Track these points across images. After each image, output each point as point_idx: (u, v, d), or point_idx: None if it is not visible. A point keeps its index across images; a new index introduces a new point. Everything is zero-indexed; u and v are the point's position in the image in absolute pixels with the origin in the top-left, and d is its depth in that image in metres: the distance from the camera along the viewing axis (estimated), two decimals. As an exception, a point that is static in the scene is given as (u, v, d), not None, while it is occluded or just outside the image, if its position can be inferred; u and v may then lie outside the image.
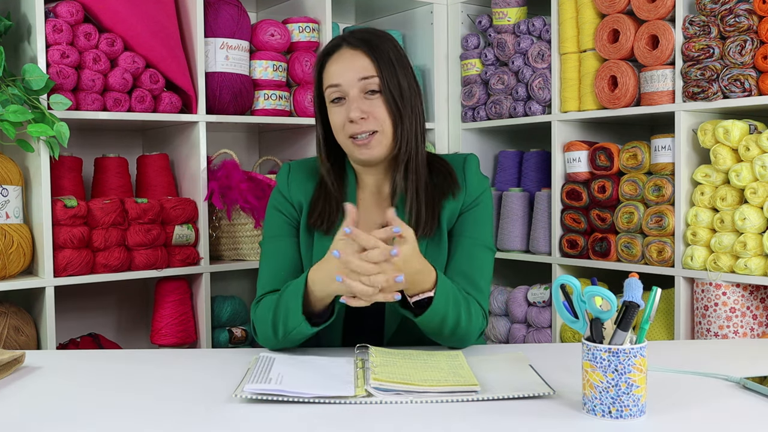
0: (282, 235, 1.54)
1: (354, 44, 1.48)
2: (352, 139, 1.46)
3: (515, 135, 3.08)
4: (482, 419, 1.04)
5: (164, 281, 2.40)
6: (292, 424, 1.03)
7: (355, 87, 1.45)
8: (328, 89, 1.48)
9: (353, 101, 1.45)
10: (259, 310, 1.45)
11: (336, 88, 1.47)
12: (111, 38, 2.22)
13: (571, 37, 2.53)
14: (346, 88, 1.46)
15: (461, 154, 1.58)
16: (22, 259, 2.10)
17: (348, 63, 1.47)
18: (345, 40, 1.50)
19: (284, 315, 1.38)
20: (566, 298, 1.09)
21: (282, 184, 1.57)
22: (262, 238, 1.57)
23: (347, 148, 1.49)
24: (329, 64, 1.49)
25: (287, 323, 1.37)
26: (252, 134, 2.96)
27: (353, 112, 1.44)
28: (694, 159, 2.26)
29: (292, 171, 1.58)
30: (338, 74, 1.46)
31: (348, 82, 1.45)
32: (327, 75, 1.49)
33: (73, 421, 1.06)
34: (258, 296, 1.51)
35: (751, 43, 2.06)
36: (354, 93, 1.45)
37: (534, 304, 2.66)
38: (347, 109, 1.46)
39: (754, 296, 2.16)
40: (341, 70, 1.47)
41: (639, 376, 1.02)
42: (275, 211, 1.56)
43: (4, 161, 2.10)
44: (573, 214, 2.54)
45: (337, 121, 1.48)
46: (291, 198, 1.55)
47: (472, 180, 1.52)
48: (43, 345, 2.16)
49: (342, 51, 1.48)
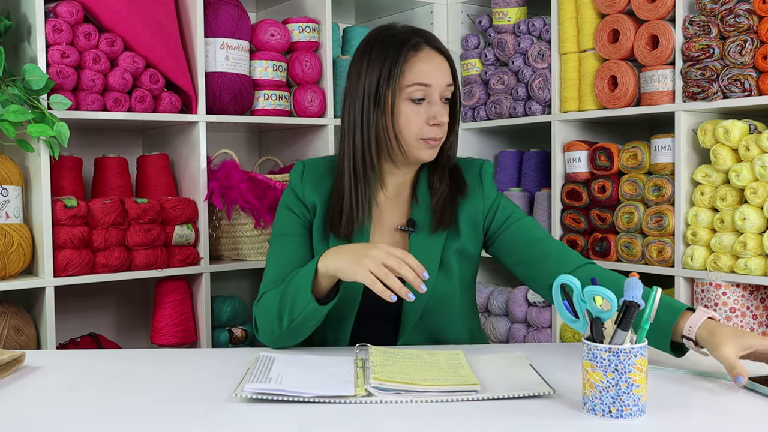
0: (291, 234, 1.53)
1: (438, 48, 1.49)
2: (423, 140, 1.47)
3: (515, 135, 3.08)
4: (482, 419, 1.04)
5: (164, 281, 2.40)
6: (292, 424, 1.03)
7: (439, 91, 1.47)
8: (414, 86, 1.45)
9: (439, 105, 1.47)
10: (262, 303, 1.45)
11: (425, 87, 1.46)
12: (111, 38, 2.22)
13: (571, 37, 2.53)
14: (433, 90, 1.46)
15: (476, 159, 1.62)
16: (22, 259, 2.10)
17: (439, 66, 1.47)
18: (425, 40, 1.49)
19: (291, 301, 1.37)
20: (566, 297, 1.09)
21: (296, 183, 1.55)
22: (272, 235, 1.56)
23: (410, 147, 1.48)
24: (416, 61, 1.46)
25: (294, 309, 1.37)
26: (252, 134, 2.96)
27: (443, 116, 1.47)
28: (694, 159, 2.26)
29: (306, 170, 1.57)
30: (430, 75, 1.46)
31: (438, 85, 1.46)
32: (414, 72, 1.46)
33: (73, 421, 1.06)
34: (262, 292, 1.49)
35: (751, 43, 2.06)
36: (437, 97, 1.47)
37: (534, 304, 2.66)
38: (431, 112, 1.46)
39: (754, 296, 2.16)
40: (434, 72, 1.46)
41: (639, 375, 1.02)
42: (287, 209, 1.55)
43: (4, 161, 2.10)
44: (573, 214, 2.54)
45: (414, 119, 1.46)
46: (304, 198, 1.54)
47: (489, 184, 1.58)
48: (43, 345, 2.16)
49: (429, 51, 1.48)
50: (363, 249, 1.32)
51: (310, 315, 1.36)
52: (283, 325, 1.39)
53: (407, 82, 1.45)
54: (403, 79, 1.45)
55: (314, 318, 1.38)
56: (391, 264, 1.29)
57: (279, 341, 1.43)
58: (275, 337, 1.42)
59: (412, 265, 1.30)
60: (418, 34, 1.49)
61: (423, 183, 1.56)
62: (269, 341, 1.44)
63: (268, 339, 1.44)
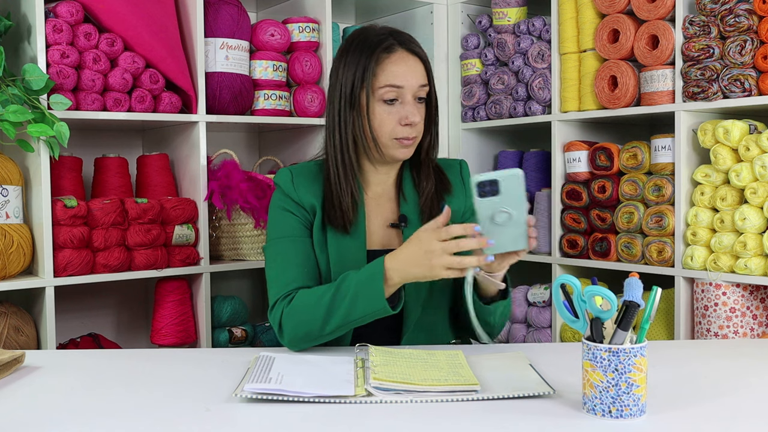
0: (297, 236, 1.54)
1: (411, 49, 1.52)
2: (397, 140, 1.51)
3: (515, 135, 3.08)
4: (482, 419, 1.04)
5: (164, 281, 2.40)
6: (292, 424, 1.03)
7: (412, 92, 1.50)
8: (385, 88, 1.49)
9: (411, 105, 1.50)
10: (297, 302, 1.43)
11: (397, 89, 1.49)
12: (111, 38, 2.22)
13: (571, 37, 2.53)
14: (405, 92, 1.50)
15: (454, 159, 1.69)
16: (22, 259, 2.10)
17: (411, 68, 1.50)
18: (399, 42, 1.52)
19: (351, 303, 1.38)
20: (566, 297, 1.09)
21: (288, 188, 1.56)
22: (271, 239, 1.55)
23: (384, 146, 1.52)
24: (388, 62, 1.50)
25: (354, 310, 1.38)
26: (252, 134, 2.96)
27: (414, 117, 1.49)
28: (694, 159, 2.26)
29: (296, 176, 1.58)
30: (401, 76, 1.49)
31: (410, 86, 1.50)
32: (387, 74, 1.49)
33: (73, 421, 1.06)
34: (285, 292, 1.47)
35: (751, 43, 2.06)
36: (409, 98, 1.50)
37: (534, 304, 2.66)
38: (403, 112, 1.49)
39: (754, 296, 2.16)
40: (406, 73, 1.50)
41: (639, 375, 1.02)
42: (286, 212, 1.55)
43: (4, 161, 2.10)
44: (573, 214, 2.54)
45: (387, 120, 1.50)
46: (301, 201, 1.55)
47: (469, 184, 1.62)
48: (43, 345, 2.16)
49: (402, 53, 1.51)
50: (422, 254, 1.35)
51: (372, 316, 1.39)
52: (330, 325, 1.40)
53: (379, 84, 1.49)
54: (375, 81, 1.49)
55: (371, 319, 1.40)
56: (452, 249, 1.32)
57: (310, 341, 1.43)
58: (311, 337, 1.42)
59: (460, 232, 1.32)
60: (394, 35, 1.52)
61: (408, 181, 1.60)
62: (297, 341, 1.43)
63: (298, 338, 1.43)
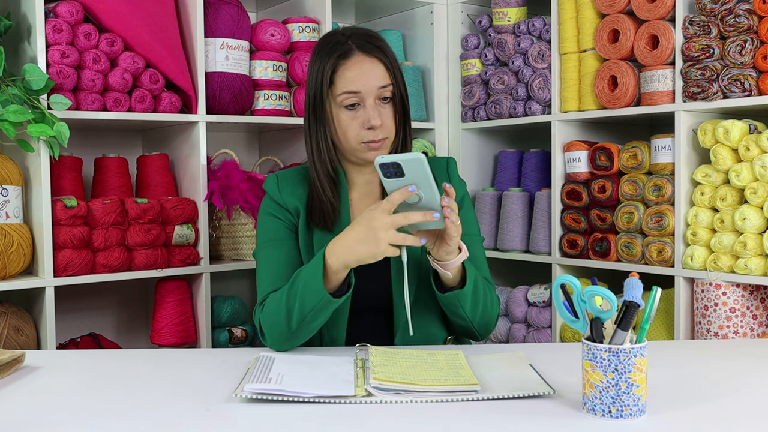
0: (282, 239, 1.55)
1: (369, 51, 1.50)
2: (365, 144, 1.50)
3: (515, 135, 3.08)
4: (482, 419, 1.04)
5: (164, 281, 2.40)
6: (292, 424, 1.03)
7: (372, 95, 1.49)
8: (343, 95, 1.49)
9: (372, 108, 1.49)
10: (267, 306, 1.45)
11: (354, 95, 1.49)
12: (111, 38, 2.22)
13: (571, 37, 2.53)
14: (365, 95, 1.49)
15: (441, 157, 1.67)
16: (22, 259, 2.10)
17: (367, 71, 1.49)
18: (357, 45, 1.50)
19: (301, 298, 1.38)
20: (566, 297, 1.09)
21: (273, 193, 1.59)
22: (258, 244, 1.58)
23: (354, 150, 1.52)
24: (344, 69, 1.49)
25: (304, 305, 1.38)
26: (252, 134, 2.96)
27: (375, 120, 1.48)
28: (694, 159, 2.26)
29: (281, 180, 1.60)
30: (357, 81, 1.48)
31: (368, 90, 1.49)
32: (343, 81, 1.49)
33: (73, 421, 1.06)
34: (262, 297, 1.50)
35: (751, 43, 2.06)
36: (371, 101, 1.49)
37: (534, 304, 2.66)
38: (365, 116, 1.49)
39: (754, 296, 2.16)
40: (361, 78, 1.49)
41: (639, 375, 1.02)
42: (271, 217, 1.57)
43: (4, 161, 2.10)
44: (573, 214, 2.54)
45: (351, 125, 1.50)
46: (286, 204, 1.57)
47: (456, 181, 1.62)
48: (43, 345, 2.16)
49: (358, 57, 1.50)
50: (367, 230, 1.32)
51: (322, 308, 1.38)
52: (293, 323, 1.40)
53: (338, 91, 1.49)
54: (334, 89, 1.50)
55: (326, 311, 1.39)
56: (400, 222, 1.31)
57: (288, 342, 1.44)
58: (284, 337, 1.43)
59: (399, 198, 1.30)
60: (353, 38, 1.52)
61: None
62: (277, 343, 1.45)
63: (276, 340, 1.44)
